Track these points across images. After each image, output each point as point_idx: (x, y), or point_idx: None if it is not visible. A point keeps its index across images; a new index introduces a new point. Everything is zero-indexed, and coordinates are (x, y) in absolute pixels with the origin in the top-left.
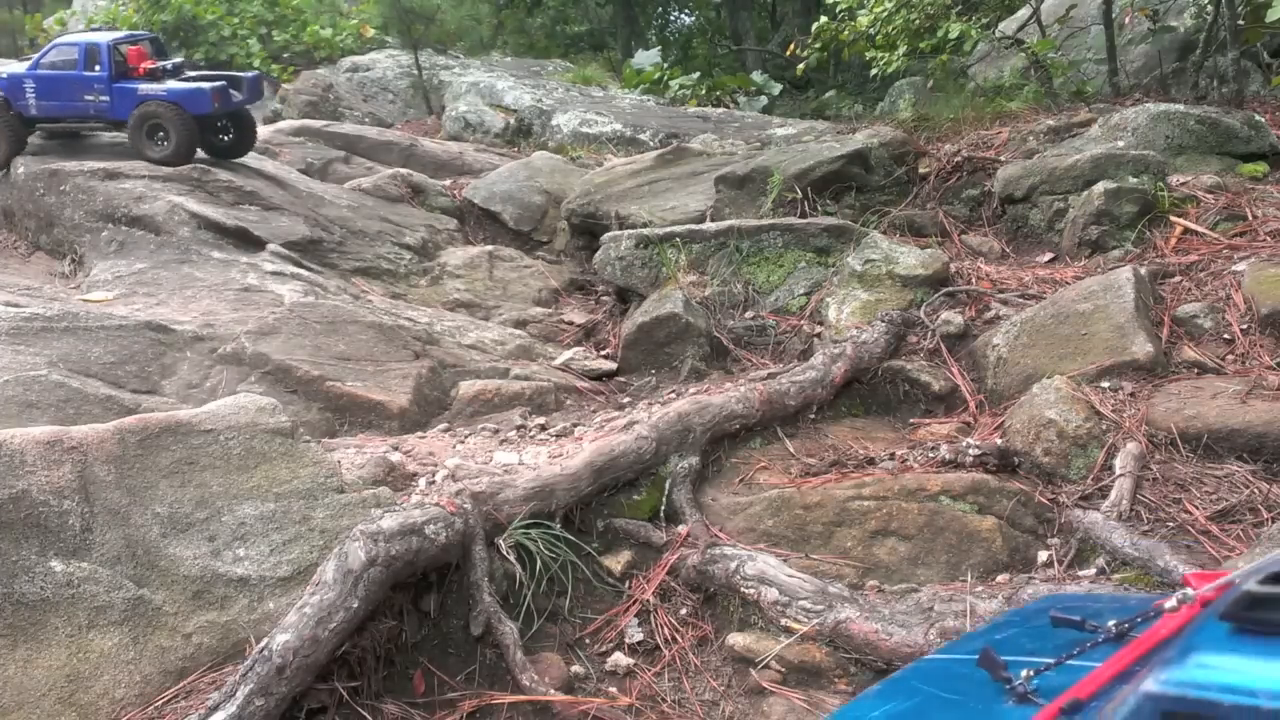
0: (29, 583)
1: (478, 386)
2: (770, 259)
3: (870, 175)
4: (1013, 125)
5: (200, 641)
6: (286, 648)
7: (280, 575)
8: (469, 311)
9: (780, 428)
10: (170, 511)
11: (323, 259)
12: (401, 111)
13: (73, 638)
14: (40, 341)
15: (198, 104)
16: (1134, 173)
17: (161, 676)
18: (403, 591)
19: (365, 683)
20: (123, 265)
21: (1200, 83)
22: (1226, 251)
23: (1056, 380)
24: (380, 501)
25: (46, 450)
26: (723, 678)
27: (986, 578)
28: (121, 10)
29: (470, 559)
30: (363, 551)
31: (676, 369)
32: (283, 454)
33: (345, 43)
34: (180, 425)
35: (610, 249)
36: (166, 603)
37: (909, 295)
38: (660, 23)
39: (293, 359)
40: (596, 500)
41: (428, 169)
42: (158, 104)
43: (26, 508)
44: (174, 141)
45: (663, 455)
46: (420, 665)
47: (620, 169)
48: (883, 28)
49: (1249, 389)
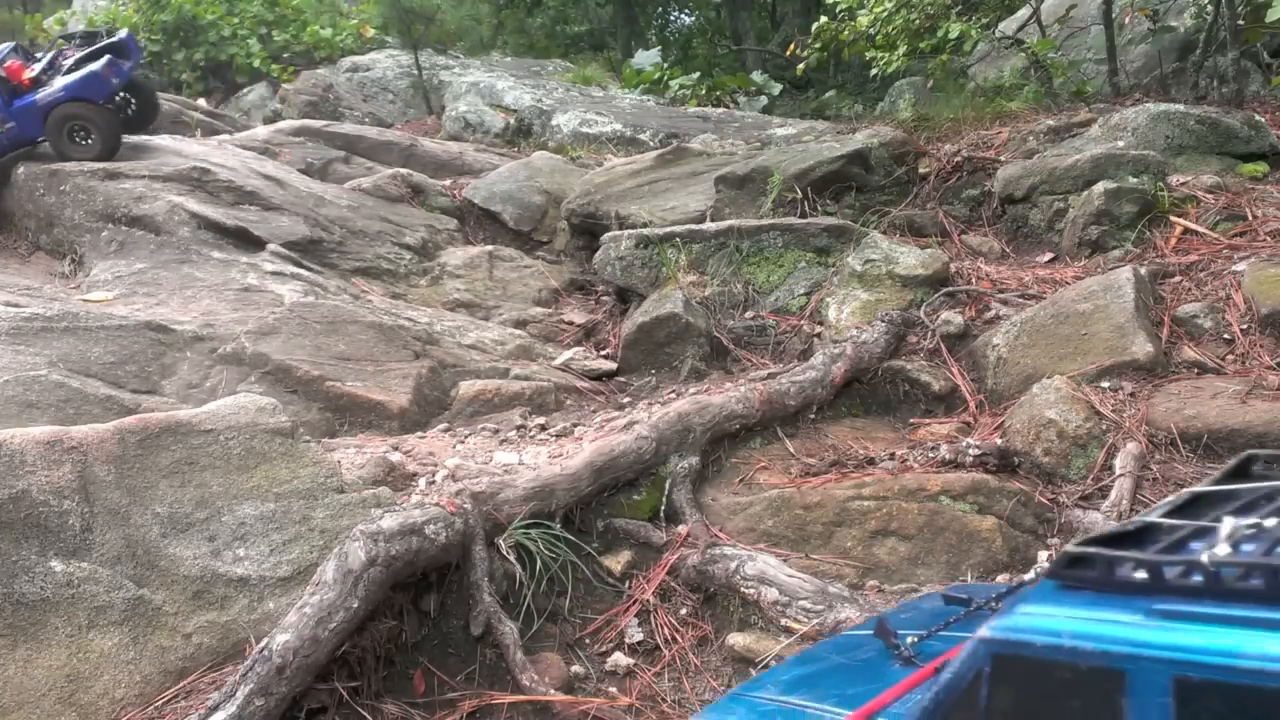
0: (29, 583)
1: (478, 386)
2: (770, 259)
3: (870, 175)
4: (1013, 125)
5: (200, 641)
6: (286, 648)
7: (280, 575)
8: (469, 311)
9: (780, 428)
10: (170, 511)
11: (323, 259)
12: (401, 111)
13: (73, 638)
14: (40, 341)
15: (97, 89)
16: (1134, 173)
17: (161, 676)
18: (403, 591)
19: (365, 683)
20: (123, 265)
21: (1200, 83)
22: (1226, 251)
23: (1056, 380)
24: (380, 501)
25: (46, 450)
26: (723, 678)
27: (986, 578)
28: (121, 10)
29: (470, 559)
30: (363, 551)
31: (676, 369)
32: (283, 454)
33: (345, 43)
34: (180, 425)
35: (610, 249)
36: (166, 603)
37: (909, 295)
38: (660, 23)
39: (293, 359)
40: (596, 500)
41: (428, 169)
42: (66, 105)
43: (26, 508)
44: (99, 135)
45: (663, 455)
46: (420, 665)
47: (620, 169)
48: (883, 28)
49: (1249, 389)
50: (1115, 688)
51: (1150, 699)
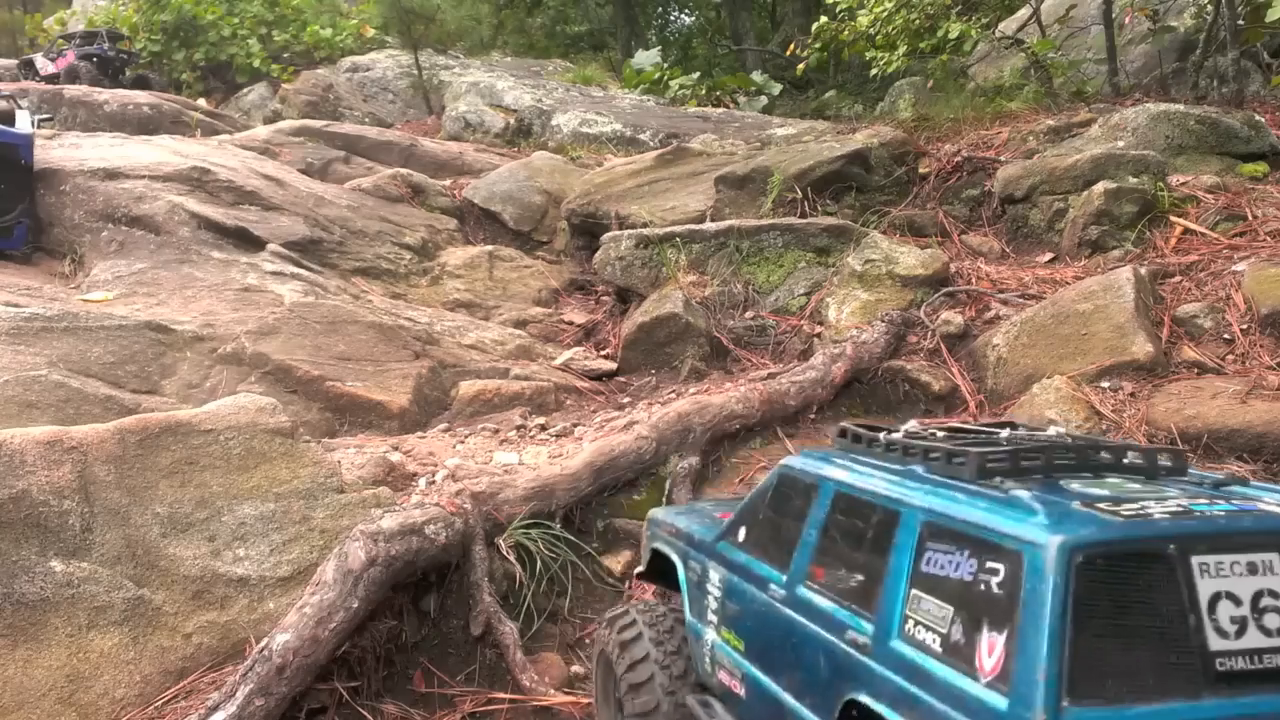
0: (29, 583)
1: (478, 386)
2: (770, 259)
3: (870, 175)
4: (1013, 125)
5: (200, 641)
6: (286, 648)
7: (280, 575)
8: (469, 311)
9: (780, 428)
10: (170, 511)
11: (323, 259)
12: (401, 111)
13: (73, 638)
14: (40, 341)
15: None
16: (1134, 173)
17: (161, 676)
18: (403, 591)
19: (365, 683)
20: (123, 265)
21: (1200, 83)
22: (1226, 251)
23: (1056, 380)
24: (380, 501)
25: (46, 450)
26: None
27: None
28: (121, 10)
29: (470, 559)
30: (363, 551)
31: (676, 369)
32: (283, 454)
33: (345, 43)
34: (180, 425)
35: (610, 249)
36: (166, 603)
37: (909, 295)
38: (660, 23)
39: (293, 359)
40: (596, 500)
41: (428, 169)
42: None
43: (26, 508)
44: None
45: (663, 455)
46: (420, 665)
47: (620, 169)
48: (883, 28)
49: (1249, 389)
50: (814, 493)
51: (824, 499)
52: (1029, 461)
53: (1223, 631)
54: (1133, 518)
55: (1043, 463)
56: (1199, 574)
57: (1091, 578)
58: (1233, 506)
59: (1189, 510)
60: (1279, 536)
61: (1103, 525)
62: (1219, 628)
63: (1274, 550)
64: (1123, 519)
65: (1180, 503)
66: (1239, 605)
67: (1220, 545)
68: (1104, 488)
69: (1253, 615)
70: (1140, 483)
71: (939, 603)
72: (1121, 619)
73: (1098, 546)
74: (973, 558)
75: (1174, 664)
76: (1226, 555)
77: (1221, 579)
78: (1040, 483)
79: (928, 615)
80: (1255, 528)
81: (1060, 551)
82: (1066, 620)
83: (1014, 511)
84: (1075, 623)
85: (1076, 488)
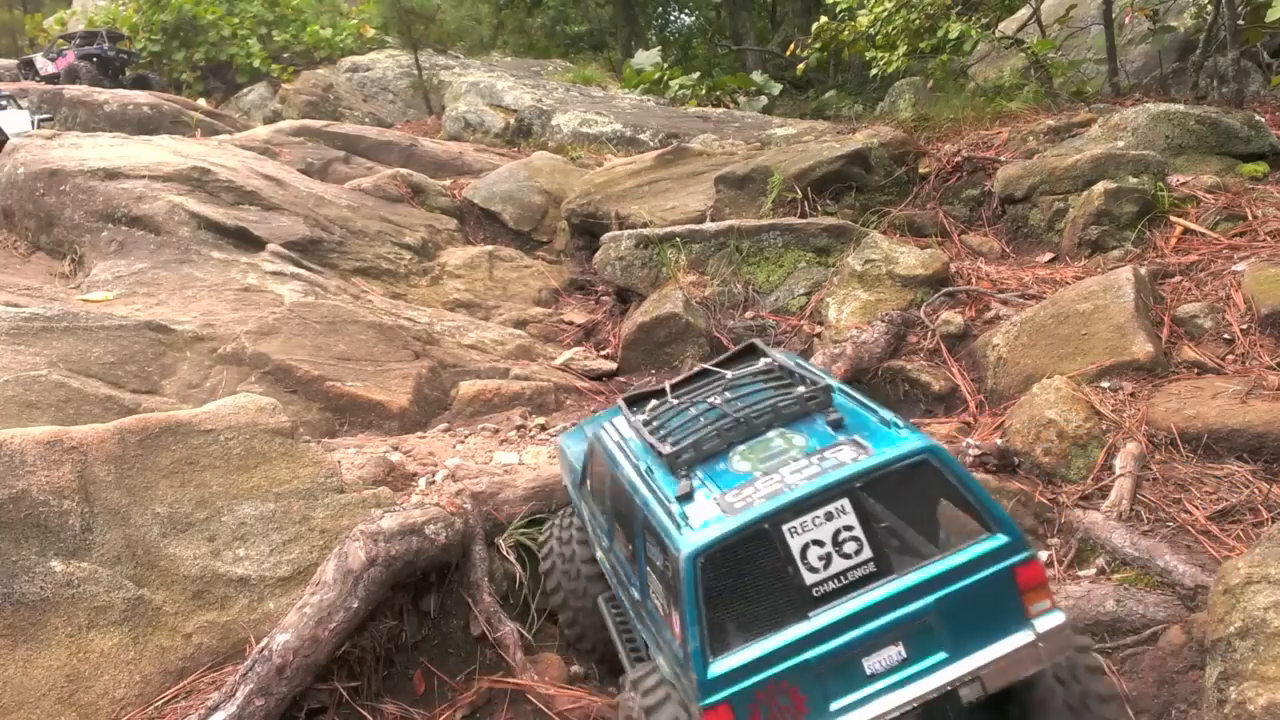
0: (29, 583)
1: (478, 386)
2: (770, 259)
3: (870, 175)
4: (1013, 125)
5: (200, 641)
6: (286, 648)
7: (280, 575)
8: (469, 311)
9: None
10: (170, 511)
11: (323, 259)
12: (401, 111)
13: (73, 638)
14: (40, 341)
15: None
16: (1134, 173)
17: (161, 676)
18: (403, 591)
19: (365, 683)
20: (123, 265)
21: (1200, 83)
22: (1226, 251)
23: (1056, 380)
24: (380, 501)
25: (46, 450)
26: None
27: None
28: (121, 10)
29: (470, 559)
30: (363, 551)
31: (677, 369)
32: (283, 454)
33: (345, 43)
34: (180, 425)
35: (610, 249)
36: (166, 603)
37: (909, 295)
38: (660, 23)
39: (293, 359)
40: None
41: (428, 169)
42: None
43: (26, 508)
44: None
45: None
46: (420, 665)
47: (620, 169)
48: (883, 28)
49: (1249, 389)
50: (597, 449)
51: (600, 454)
52: (710, 445)
53: (813, 568)
54: (742, 509)
55: (721, 442)
56: (789, 535)
57: (711, 569)
58: (817, 467)
59: (784, 485)
60: (845, 485)
61: (720, 524)
62: (810, 566)
63: (843, 496)
64: (735, 513)
65: (781, 476)
66: (823, 546)
67: (804, 508)
68: (749, 458)
69: (834, 548)
70: (781, 435)
71: (655, 581)
72: (740, 586)
73: (713, 546)
74: (663, 553)
75: (785, 602)
76: (809, 514)
77: (807, 534)
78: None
79: (655, 588)
80: (827, 485)
81: (688, 560)
82: (700, 603)
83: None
84: (708, 601)
85: (733, 465)
